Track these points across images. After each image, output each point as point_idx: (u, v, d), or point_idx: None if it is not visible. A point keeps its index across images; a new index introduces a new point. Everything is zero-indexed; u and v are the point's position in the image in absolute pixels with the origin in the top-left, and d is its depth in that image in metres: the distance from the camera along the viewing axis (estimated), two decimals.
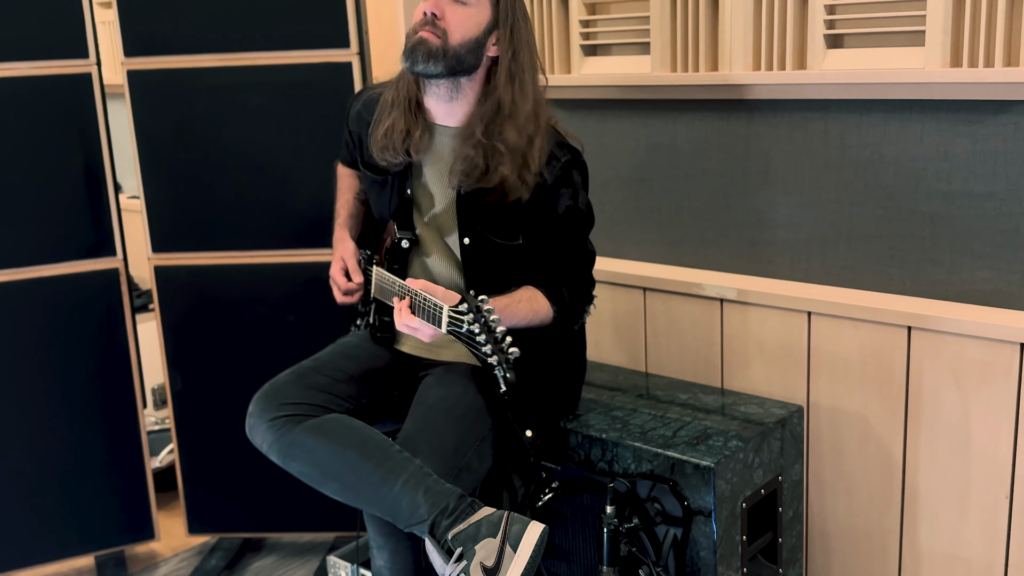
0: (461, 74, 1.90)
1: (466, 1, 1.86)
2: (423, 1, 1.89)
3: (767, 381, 2.31)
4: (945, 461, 2.10)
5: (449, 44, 1.86)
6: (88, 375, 2.68)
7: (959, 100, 2.00)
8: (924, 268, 2.12)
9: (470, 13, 1.86)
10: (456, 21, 1.86)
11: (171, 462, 3.15)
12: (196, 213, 2.68)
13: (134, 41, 2.60)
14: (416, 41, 1.87)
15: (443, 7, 1.85)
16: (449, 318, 1.75)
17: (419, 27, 1.88)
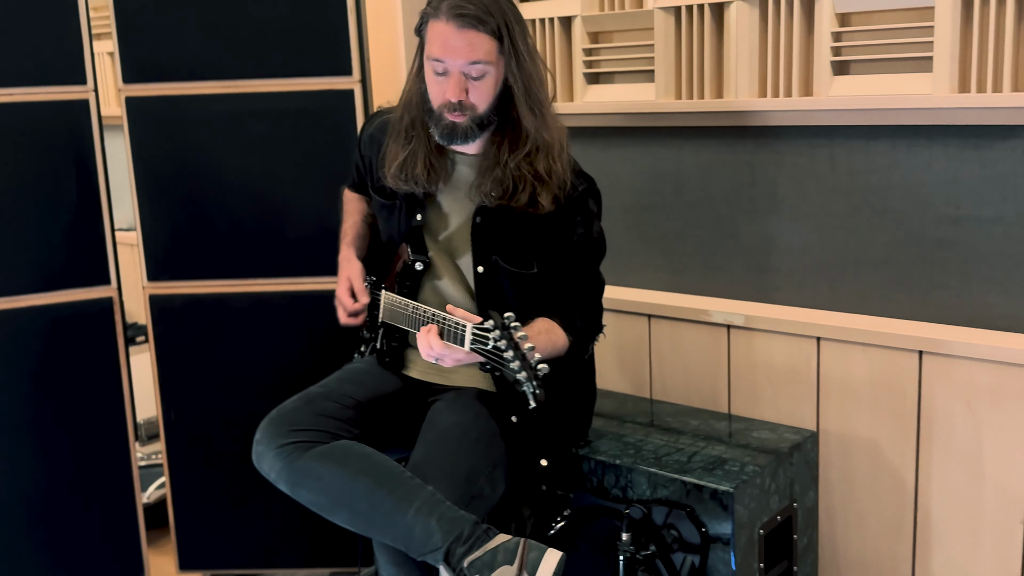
0: (491, 125, 1.92)
1: (483, 73, 1.85)
2: (439, 80, 1.87)
3: (775, 407, 2.30)
4: (958, 487, 2.08)
5: (478, 115, 1.88)
6: (78, 406, 2.62)
7: (967, 125, 2.01)
8: (933, 293, 2.12)
9: (489, 80, 1.86)
10: (479, 95, 1.87)
11: (159, 497, 3.08)
12: (194, 241, 2.64)
13: (133, 68, 2.58)
14: (450, 127, 1.88)
15: (465, 88, 1.85)
16: (473, 335, 1.72)
17: (448, 112, 1.87)
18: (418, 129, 1.96)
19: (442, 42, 1.83)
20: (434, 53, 1.85)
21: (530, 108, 1.89)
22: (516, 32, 1.87)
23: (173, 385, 2.69)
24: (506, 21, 1.85)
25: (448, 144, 1.92)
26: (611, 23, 2.44)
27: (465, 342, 1.74)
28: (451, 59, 1.83)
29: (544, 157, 1.90)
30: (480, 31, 1.82)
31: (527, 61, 1.89)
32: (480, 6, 1.83)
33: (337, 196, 2.55)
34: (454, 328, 1.77)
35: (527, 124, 1.89)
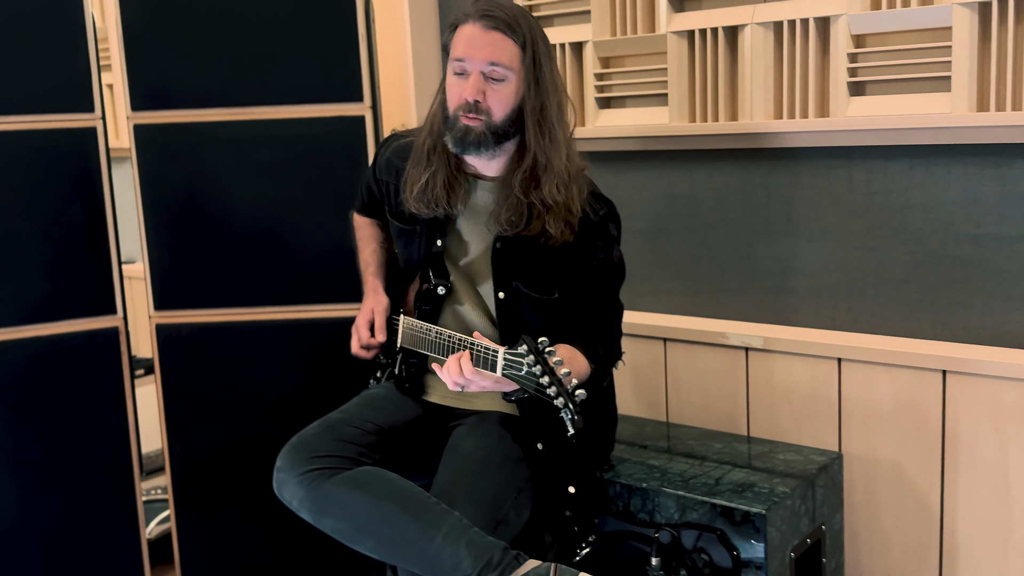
0: (506, 140, 1.89)
1: (503, 77, 1.84)
2: (459, 80, 1.86)
3: (796, 430, 2.27)
4: (984, 507, 2.06)
5: (494, 123, 1.85)
6: (82, 439, 2.57)
7: (987, 144, 2.02)
8: (956, 312, 2.11)
9: (508, 86, 1.85)
10: (497, 100, 1.85)
11: (161, 533, 3.02)
12: (202, 269, 2.61)
13: (141, 95, 2.56)
14: (463, 130, 1.85)
15: (483, 89, 1.84)
16: (506, 361, 1.69)
17: (463, 113, 1.85)
18: (439, 152, 1.94)
19: (466, 42, 1.84)
20: (457, 53, 1.85)
21: (539, 129, 1.87)
22: (541, 51, 1.86)
23: (179, 417, 2.65)
24: (533, 38, 1.85)
25: (462, 152, 1.89)
26: (623, 48, 2.44)
27: (497, 368, 1.71)
28: (472, 57, 1.83)
29: (550, 182, 1.87)
30: (505, 35, 1.82)
31: (547, 83, 1.88)
32: (509, 15, 1.84)
33: (347, 223, 2.53)
34: (483, 354, 1.74)
35: (532, 145, 1.87)
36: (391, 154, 2.08)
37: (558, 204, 1.87)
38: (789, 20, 2.19)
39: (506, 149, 1.92)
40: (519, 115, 1.87)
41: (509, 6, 1.88)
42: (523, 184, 1.87)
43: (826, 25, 2.16)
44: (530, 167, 1.87)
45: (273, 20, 2.51)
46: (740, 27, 2.26)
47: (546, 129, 1.87)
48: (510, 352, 1.70)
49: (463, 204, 1.95)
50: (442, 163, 1.94)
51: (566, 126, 1.93)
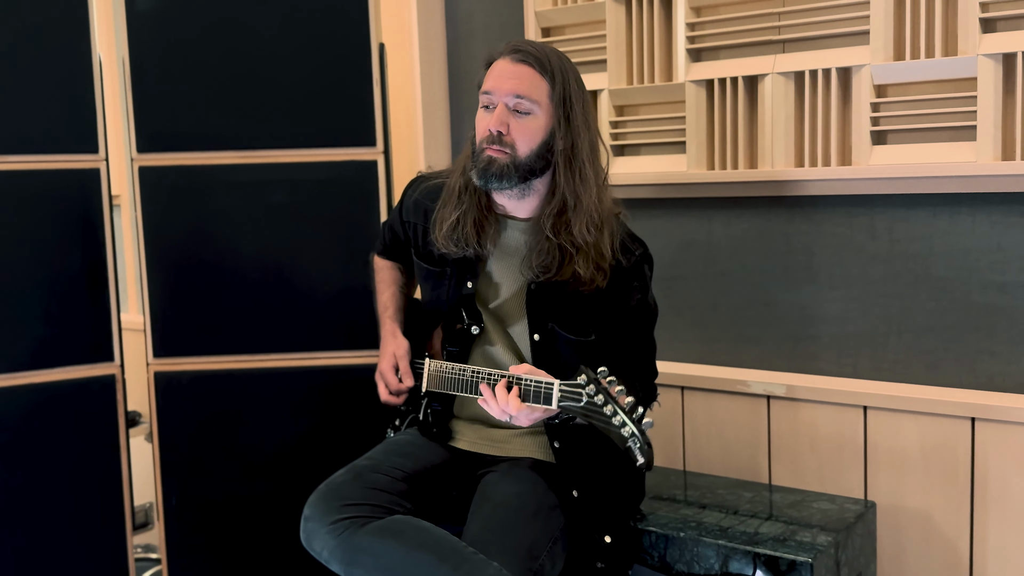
0: (532, 177, 1.87)
1: (529, 110, 1.83)
2: (485, 113, 1.86)
3: (820, 479, 2.25)
4: (1017, 556, 2.05)
5: (518, 157, 1.84)
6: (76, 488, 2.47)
7: (1011, 193, 2.04)
8: (981, 360, 2.11)
9: (534, 121, 1.84)
10: (522, 133, 1.83)
11: None
12: (205, 315, 2.54)
13: (148, 137, 2.51)
14: (486, 161, 1.84)
15: (507, 122, 1.83)
16: (562, 393, 1.66)
17: (487, 144, 1.84)
18: (470, 191, 1.92)
19: (496, 74, 1.84)
20: (485, 86, 1.85)
21: (569, 168, 1.86)
22: (572, 90, 1.85)
23: (175, 467, 2.55)
24: (564, 76, 1.84)
25: (484, 184, 1.87)
26: (639, 96, 2.45)
27: (553, 400, 1.67)
28: (498, 89, 1.82)
29: (580, 222, 1.85)
30: (534, 69, 1.82)
31: (579, 122, 1.87)
32: (541, 52, 1.84)
33: (359, 268, 2.49)
34: (535, 387, 1.70)
35: (562, 184, 1.86)
36: (420, 195, 2.05)
37: (588, 245, 1.84)
38: (811, 70, 2.21)
39: (536, 188, 1.90)
40: (547, 152, 1.85)
41: (542, 45, 1.88)
42: (553, 224, 1.85)
43: (847, 75, 2.19)
44: (559, 206, 1.86)
45: (286, 62, 2.49)
46: (760, 76, 2.28)
47: (576, 168, 1.86)
48: (566, 385, 1.66)
49: (493, 244, 1.92)
50: (473, 203, 1.91)
51: (599, 168, 1.91)
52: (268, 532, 2.57)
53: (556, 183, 1.86)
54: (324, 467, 2.51)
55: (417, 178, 2.12)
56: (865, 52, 2.15)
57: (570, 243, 1.83)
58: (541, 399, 1.71)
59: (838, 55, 2.19)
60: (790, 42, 2.27)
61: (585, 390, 1.64)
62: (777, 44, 2.29)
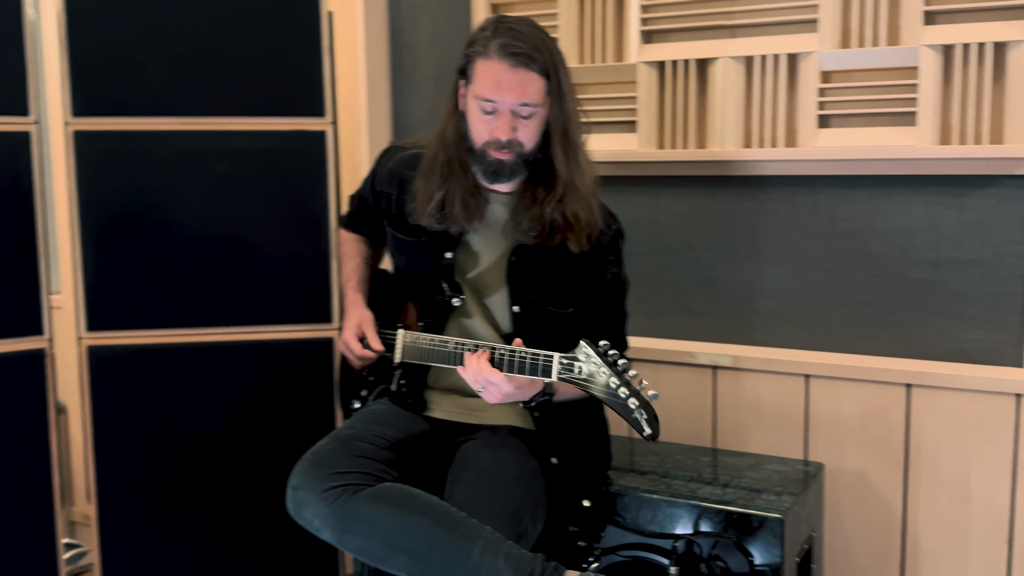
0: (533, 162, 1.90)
1: (532, 113, 1.85)
2: (487, 118, 1.86)
3: (763, 445, 2.37)
4: (946, 513, 2.22)
5: (525, 152, 1.87)
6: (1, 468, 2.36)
7: (947, 175, 2.20)
8: (914, 331, 2.27)
9: (536, 119, 1.87)
10: (527, 133, 1.86)
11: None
12: (142, 287, 2.45)
13: (84, 100, 2.40)
14: (496, 164, 1.87)
15: (515, 126, 1.85)
16: (562, 365, 1.69)
17: (495, 150, 1.85)
18: (455, 168, 1.92)
19: (495, 82, 1.82)
20: (485, 93, 1.83)
21: (564, 151, 1.90)
22: (561, 71, 1.89)
23: (109, 447, 2.46)
24: (554, 60, 1.87)
25: (492, 183, 1.90)
26: (590, 76, 2.51)
27: (553, 372, 1.70)
28: (503, 100, 1.83)
29: (574, 202, 1.90)
30: (532, 70, 1.83)
31: (569, 102, 1.91)
32: (530, 43, 1.84)
33: (306, 241, 2.46)
34: (532, 359, 1.73)
35: (559, 166, 1.90)
36: (394, 165, 2.05)
37: (580, 222, 1.89)
38: (761, 55, 2.31)
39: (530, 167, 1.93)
40: (545, 138, 1.89)
41: (527, 32, 1.86)
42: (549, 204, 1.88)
43: (795, 61, 2.30)
44: (555, 188, 1.89)
45: (232, 26, 2.42)
46: (712, 60, 2.37)
47: (571, 151, 1.90)
48: (566, 357, 1.70)
49: (479, 220, 1.94)
50: (459, 183, 1.92)
51: (582, 138, 1.95)
52: (208, 513, 2.52)
53: (554, 167, 1.88)
54: (268, 444, 2.49)
55: (390, 148, 2.11)
56: (813, 39, 2.27)
57: (562, 219, 1.87)
58: (539, 371, 1.74)
59: (787, 41, 2.30)
60: (740, 27, 2.36)
61: (588, 363, 1.69)
62: (727, 29, 2.38)
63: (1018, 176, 2.13)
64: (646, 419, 1.69)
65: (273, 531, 2.55)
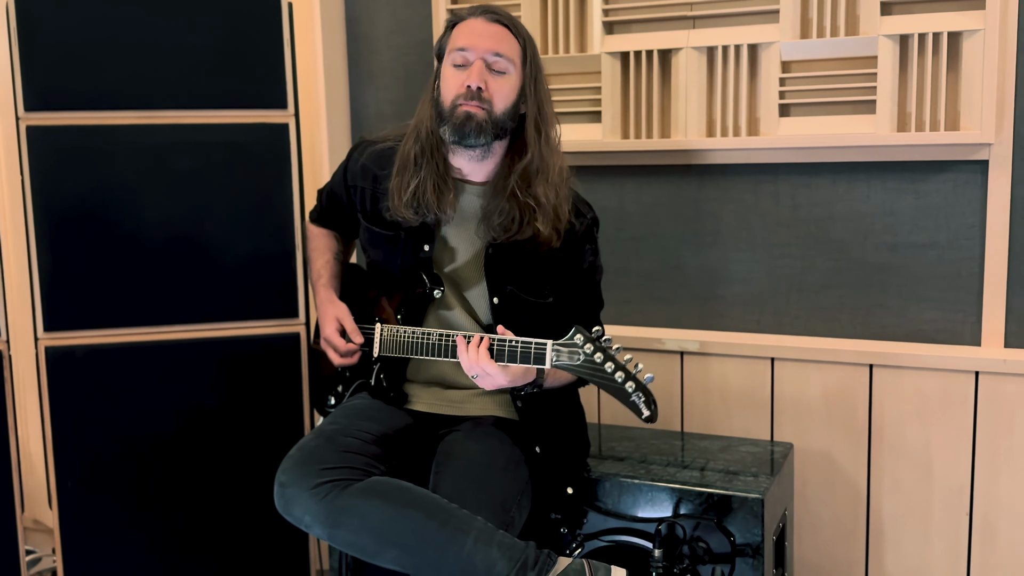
0: (500, 137, 1.91)
1: (505, 69, 1.87)
2: (458, 72, 1.87)
3: (730, 427, 2.42)
4: (908, 489, 2.29)
5: (495, 114, 1.87)
6: None
7: (904, 161, 2.27)
8: (874, 313, 2.34)
9: (509, 80, 1.88)
10: (499, 91, 1.87)
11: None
12: (102, 285, 2.41)
13: (37, 94, 2.34)
14: (464, 116, 1.85)
15: (486, 79, 1.85)
16: (556, 352, 1.71)
17: (463, 100, 1.85)
18: (427, 157, 1.92)
19: (469, 33, 1.86)
20: (459, 43, 1.86)
21: (536, 129, 1.92)
22: (536, 57, 1.91)
23: (70, 450, 2.41)
24: (531, 41, 1.91)
25: (460, 140, 1.87)
26: (554, 66, 2.52)
27: (547, 360, 1.72)
28: (476, 47, 1.85)
29: (542, 182, 1.92)
30: (508, 30, 1.88)
31: (543, 89, 1.93)
32: (509, 16, 1.90)
33: (269, 235, 2.44)
34: (524, 347, 1.74)
35: (531, 145, 1.91)
36: (367, 160, 2.04)
37: (548, 204, 1.90)
38: (723, 46, 2.36)
39: (495, 151, 1.93)
40: (515, 114, 1.90)
41: (506, 12, 1.93)
42: (516, 184, 1.89)
43: (756, 51, 2.35)
44: (526, 166, 1.90)
45: (191, 17, 2.39)
46: (674, 51, 2.40)
47: (543, 130, 1.92)
48: (560, 344, 1.72)
49: (452, 209, 1.94)
50: (431, 169, 1.92)
51: (554, 126, 1.97)
52: (173, 515, 2.48)
53: (526, 143, 1.89)
54: (235, 443, 2.46)
55: (361, 142, 2.10)
56: (774, 30, 2.32)
57: (533, 202, 1.88)
58: (532, 359, 1.76)
59: (748, 32, 2.34)
60: (700, 19, 2.40)
61: (583, 349, 1.71)
62: (688, 20, 2.42)
63: (973, 161, 2.20)
64: (644, 401, 1.72)
65: (242, 529, 2.52)
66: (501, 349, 1.79)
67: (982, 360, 2.18)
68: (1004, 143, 2.17)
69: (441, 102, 1.88)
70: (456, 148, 1.90)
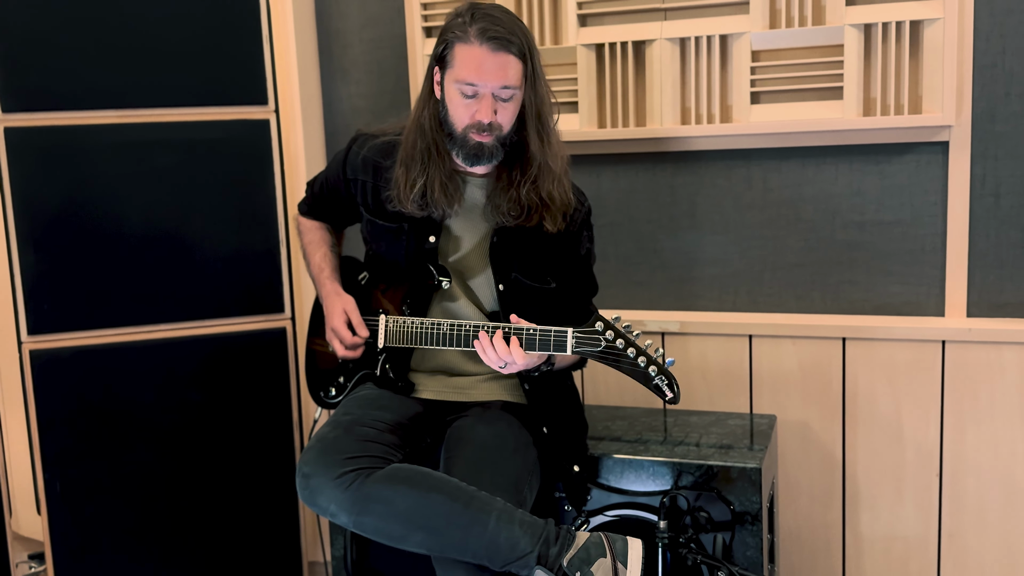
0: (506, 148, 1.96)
1: (511, 96, 1.91)
2: (467, 102, 1.89)
3: (711, 402, 2.53)
4: (882, 453, 2.43)
5: (503, 135, 1.93)
6: None
7: (870, 144, 2.40)
8: (843, 289, 2.47)
9: (515, 101, 1.92)
10: (506, 115, 1.92)
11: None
12: (86, 287, 2.41)
13: (14, 95, 2.32)
14: (476, 147, 1.91)
15: (496, 108, 1.90)
16: (577, 339, 1.77)
17: (475, 132, 1.90)
18: (432, 154, 1.96)
19: (475, 66, 1.87)
20: (467, 77, 1.88)
21: (537, 132, 1.97)
22: (535, 55, 1.96)
23: (58, 452, 2.40)
24: (529, 44, 1.93)
25: (472, 165, 1.96)
26: None
27: (567, 347, 1.79)
28: (485, 83, 1.88)
29: (548, 182, 1.98)
30: (511, 53, 1.88)
31: (541, 84, 1.98)
32: (506, 27, 1.90)
33: (253, 230, 2.46)
34: (543, 335, 1.81)
35: (533, 148, 1.97)
36: (368, 152, 2.07)
37: (555, 202, 1.97)
38: (696, 37, 2.45)
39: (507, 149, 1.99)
40: (521, 120, 1.95)
41: (503, 17, 1.91)
42: (524, 186, 1.95)
43: (727, 41, 2.45)
44: (529, 169, 1.96)
45: (169, 14, 2.39)
46: (648, 42, 2.49)
47: (544, 134, 1.97)
48: (580, 331, 1.79)
49: (459, 204, 1.99)
50: (437, 168, 1.96)
51: (552, 119, 2.02)
52: (165, 513, 2.49)
53: (528, 148, 1.94)
54: (224, 439, 2.48)
55: (360, 136, 2.13)
56: (744, 21, 2.42)
57: (539, 199, 1.94)
58: (552, 346, 1.82)
59: (720, 23, 2.44)
60: (672, 10, 2.49)
61: (604, 336, 1.78)
62: (660, 12, 2.50)
63: (934, 143, 2.34)
64: (667, 384, 1.80)
65: (234, 525, 2.54)
66: (519, 337, 1.84)
67: (948, 330, 2.32)
68: (963, 125, 2.30)
69: (451, 123, 1.92)
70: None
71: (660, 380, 1.80)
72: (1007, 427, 2.32)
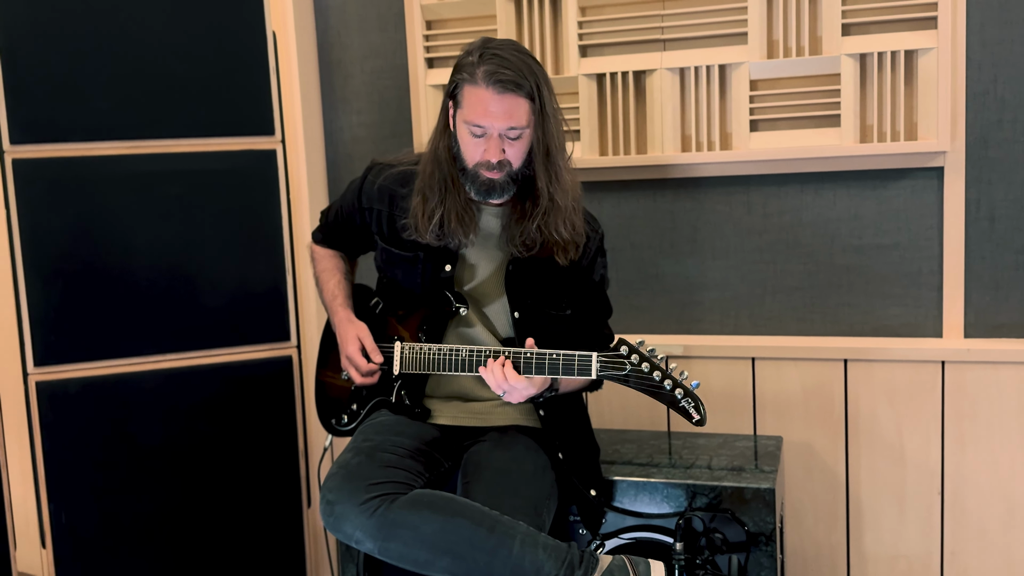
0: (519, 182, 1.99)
1: (520, 135, 1.93)
2: (476, 141, 1.93)
3: (715, 425, 2.56)
4: (884, 472, 2.48)
5: (513, 171, 1.96)
6: None
7: (867, 170, 2.46)
8: (842, 311, 2.52)
9: (524, 140, 1.95)
10: (515, 153, 1.95)
11: None
12: (93, 318, 2.41)
13: (22, 127, 2.33)
14: (487, 183, 1.95)
15: (504, 147, 1.93)
16: (601, 364, 1.80)
17: (485, 170, 1.93)
18: (448, 185, 1.99)
19: (482, 109, 1.90)
20: (474, 119, 1.91)
21: (546, 170, 1.99)
22: (546, 93, 1.97)
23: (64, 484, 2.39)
24: (538, 83, 1.95)
25: (484, 199, 1.99)
26: None
27: (592, 371, 1.81)
28: (492, 125, 1.91)
29: (557, 219, 2.00)
30: (518, 95, 1.90)
31: (552, 123, 1.99)
32: (515, 70, 1.91)
33: (259, 260, 2.47)
34: (566, 360, 1.83)
35: (541, 185, 1.99)
36: (384, 182, 2.10)
37: (563, 239, 2.00)
38: (695, 66, 2.50)
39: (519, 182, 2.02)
40: (530, 155, 1.99)
41: (512, 58, 1.93)
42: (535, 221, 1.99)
43: (726, 71, 2.51)
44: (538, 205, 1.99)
45: (177, 47, 2.42)
46: (648, 72, 2.54)
47: (553, 171, 1.99)
48: (605, 356, 1.82)
49: (475, 233, 2.02)
50: (454, 199, 1.99)
51: (565, 155, 2.05)
52: (172, 542, 2.48)
53: (536, 185, 1.97)
54: (231, 468, 2.48)
55: (375, 165, 2.15)
56: (742, 51, 2.48)
57: (548, 236, 1.98)
58: (576, 371, 1.85)
59: (718, 53, 2.49)
60: (672, 41, 2.54)
61: (629, 360, 1.81)
62: (659, 43, 2.56)
63: (930, 168, 2.40)
64: (693, 406, 1.83)
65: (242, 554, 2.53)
66: (541, 363, 1.87)
67: (948, 350, 2.38)
68: (957, 150, 2.37)
69: (462, 158, 1.96)
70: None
71: (687, 403, 1.83)
72: (1007, 445, 2.37)
